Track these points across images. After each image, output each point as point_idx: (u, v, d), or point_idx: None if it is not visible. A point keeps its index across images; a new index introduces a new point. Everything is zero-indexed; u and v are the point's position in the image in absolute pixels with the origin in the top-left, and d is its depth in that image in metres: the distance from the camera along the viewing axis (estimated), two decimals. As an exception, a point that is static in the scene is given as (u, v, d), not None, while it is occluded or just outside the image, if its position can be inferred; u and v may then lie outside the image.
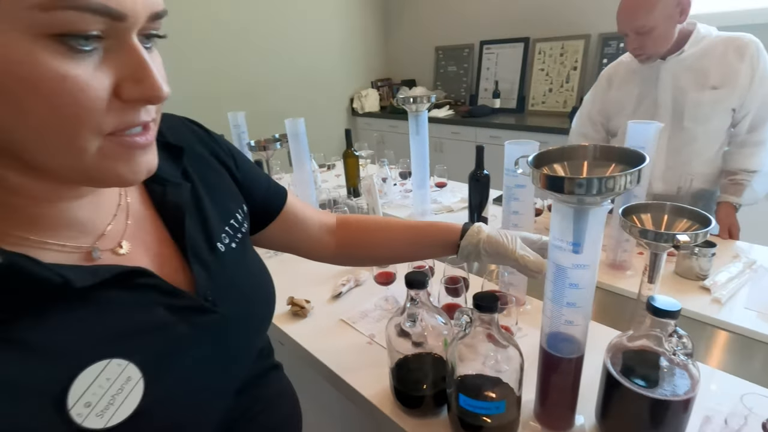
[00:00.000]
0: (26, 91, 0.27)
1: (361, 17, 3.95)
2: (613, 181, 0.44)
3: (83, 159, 0.31)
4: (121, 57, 0.30)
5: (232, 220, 0.51)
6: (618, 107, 1.36)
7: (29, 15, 0.25)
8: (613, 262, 1.04)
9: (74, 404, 0.32)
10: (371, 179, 1.14)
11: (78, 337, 0.33)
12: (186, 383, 0.39)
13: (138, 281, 0.38)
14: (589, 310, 0.55)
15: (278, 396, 0.59)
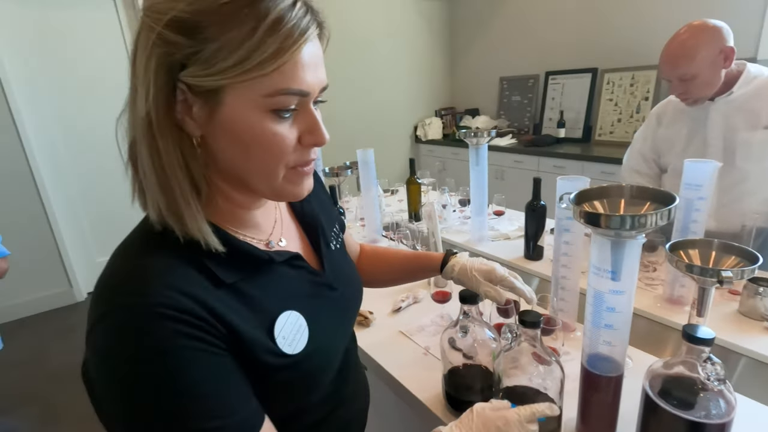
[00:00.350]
0: (254, 142, 0.45)
1: (429, 50, 4.15)
2: (645, 218, 0.52)
3: (275, 182, 0.48)
4: (304, 118, 0.47)
5: (334, 228, 0.71)
6: (668, 145, 1.38)
7: (261, 99, 0.43)
8: (670, 296, 1.05)
9: (277, 336, 0.49)
10: (432, 206, 1.25)
11: (273, 294, 0.51)
12: (325, 332, 0.56)
13: (295, 263, 0.57)
14: (626, 332, 0.60)
15: (360, 374, 0.74)
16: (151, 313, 0.40)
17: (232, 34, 0.40)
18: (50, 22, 2.62)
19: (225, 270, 0.47)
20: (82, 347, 0.43)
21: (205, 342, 0.42)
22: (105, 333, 0.41)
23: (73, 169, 2.87)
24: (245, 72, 0.41)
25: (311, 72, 0.45)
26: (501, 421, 0.52)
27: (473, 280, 0.74)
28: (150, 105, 0.41)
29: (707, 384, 0.56)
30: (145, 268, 0.43)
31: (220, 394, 0.42)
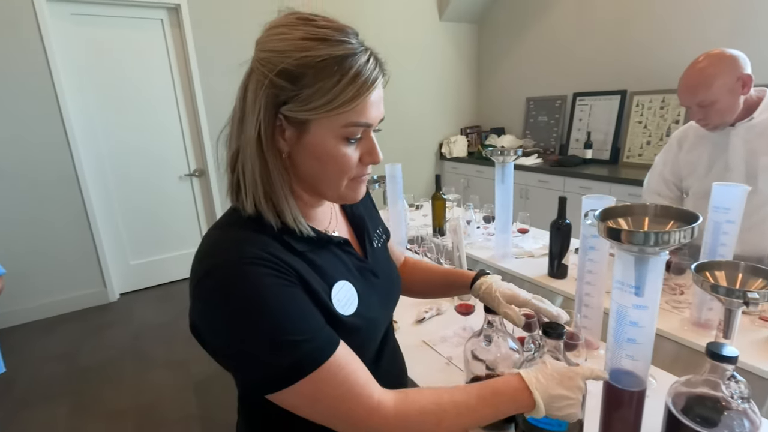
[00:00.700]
0: (329, 160, 0.58)
1: (456, 69, 4.23)
2: (668, 235, 0.54)
3: (340, 190, 0.62)
4: (365, 142, 0.60)
5: (377, 230, 0.81)
6: (689, 169, 1.40)
7: (338, 129, 0.56)
8: (697, 320, 1.04)
9: (334, 299, 0.61)
10: (458, 221, 1.28)
11: (331, 266, 0.63)
12: (372, 307, 0.67)
13: (346, 248, 0.68)
14: (649, 348, 0.62)
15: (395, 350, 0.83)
16: (245, 264, 0.53)
17: (323, 83, 0.53)
18: (102, 40, 2.83)
19: (297, 242, 0.60)
20: (113, 346, 0.50)
21: (286, 280, 0.54)
22: (212, 283, 0.53)
23: (114, 177, 3.04)
24: (330, 110, 0.54)
25: (375, 109, 0.58)
26: (572, 372, 0.61)
27: (496, 301, 0.77)
28: (261, 130, 0.56)
29: (731, 402, 0.57)
30: (238, 237, 0.57)
31: (305, 316, 0.54)
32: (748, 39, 2.48)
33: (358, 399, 0.54)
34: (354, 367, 0.56)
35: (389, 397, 0.56)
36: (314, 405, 0.54)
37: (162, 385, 2.21)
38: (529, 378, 0.60)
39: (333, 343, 0.55)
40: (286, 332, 0.52)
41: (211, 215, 3.41)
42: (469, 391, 0.60)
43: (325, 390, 0.53)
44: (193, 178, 3.31)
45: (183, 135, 3.20)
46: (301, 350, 0.52)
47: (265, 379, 0.52)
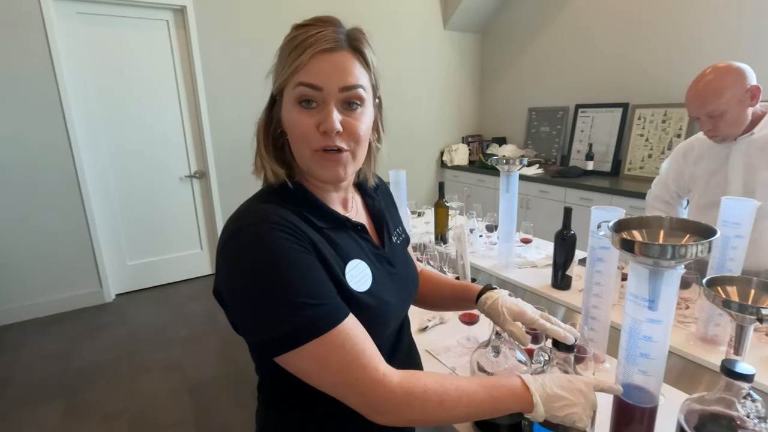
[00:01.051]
0: (290, 127, 0.63)
1: (459, 78, 4.25)
2: (685, 249, 0.53)
3: (306, 162, 0.64)
4: (322, 111, 0.61)
5: (397, 228, 0.83)
6: (692, 182, 1.42)
7: (291, 92, 0.61)
8: (704, 335, 1.02)
9: (347, 274, 0.63)
10: (462, 229, 1.27)
11: (347, 245, 0.66)
12: (386, 290, 0.69)
13: (363, 234, 0.71)
14: (662, 363, 0.61)
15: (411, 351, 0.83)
16: (267, 228, 0.56)
17: (282, 53, 0.62)
18: (107, 40, 2.82)
19: (316, 218, 0.64)
20: (108, 347, 0.49)
21: (304, 247, 0.58)
22: (235, 243, 0.57)
23: (115, 177, 3.02)
24: (283, 75, 0.61)
25: (330, 75, 0.60)
26: (576, 378, 0.61)
27: (501, 317, 0.75)
28: (265, 113, 0.67)
29: (746, 421, 0.56)
30: (265, 206, 0.61)
31: (318, 282, 0.57)
32: (747, 57, 2.49)
33: (365, 369, 0.55)
34: (362, 338, 0.57)
35: (395, 372, 0.58)
36: (322, 371, 0.55)
37: (156, 388, 2.17)
38: (528, 377, 0.61)
39: (343, 311, 0.58)
40: (301, 294, 0.54)
41: (211, 217, 3.39)
42: (472, 379, 0.61)
43: (334, 355, 0.55)
44: (194, 180, 3.29)
45: (185, 136, 3.19)
46: (314, 312, 0.54)
47: (278, 338, 0.54)
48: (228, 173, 3.33)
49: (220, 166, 3.29)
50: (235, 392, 2.12)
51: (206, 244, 3.45)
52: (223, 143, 3.26)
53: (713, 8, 2.61)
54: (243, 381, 2.20)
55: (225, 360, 2.40)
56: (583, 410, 0.59)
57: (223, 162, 3.29)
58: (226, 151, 3.28)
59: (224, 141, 3.26)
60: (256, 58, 3.17)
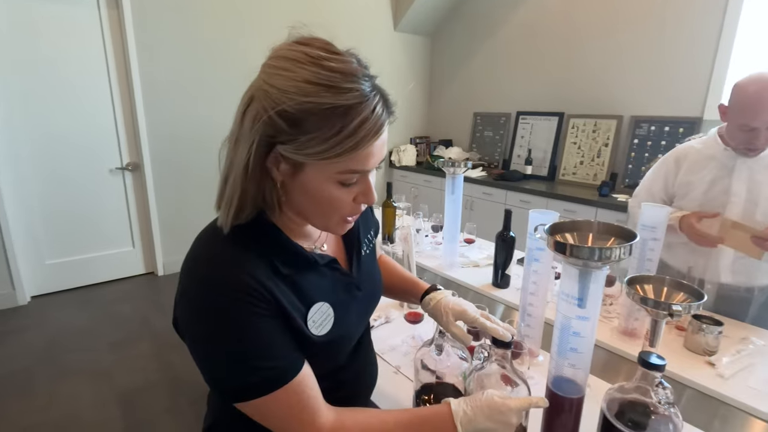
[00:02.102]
0: (322, 200, 0.59)
1: (408, 80, 4.31)
2: (610, 251, 0.58)
3: (328, 225, 0.63)
4: (361, 184, 0.60)
5: (369, 234, 0.81)
6: (686, 190, 1.35)
7: (333, 174, 0.56)
8: (625, 329, 1.12)
9: (309, 320, 0.62)
10: (408, 229, 1.29)
11: (313, 287, 0.64)
12: (348, 322, 0.69)
13: (333, 265, 0.69)
14: (589, 356, 0.65)
15: (370, 350, 0.85)
16: (231, 295, 0.55)
17: (322, 132, 0.52)
18: (24, 15, 2.54)
19: (283, 264, 0.61)
20: (23, 354, 0.45)
21: (263, 309, 0.56)
22: (193, 301, 0.57)
23: (32, 167, 2.72)
24: (326, 158, 0.54)
25: (377, 155, 0.58)
26: (504, 407, 0.61)
27: (444, 318, 0.78)
28: (249, 161, 0.55)
29: (658, 407, 0.62)
30: (226, 254, 0.58)
31: (276, 344, 0.57)
32: (669, 76, 2.77)
33: (301, 423, 0.59)
34: (308, 394, 0.60)
35: (329, 422, 0.61)
36: (261, 418, 0.60)
37: (80, 398, 2.00)
38: (457, 411, 0.62)
39: (295, 369, 0.59)
40: (252, 358, 0.56)
41: (145, 213, 3.17)
42: (400, 420, 0.63)
43: (276, 410, 0.58)
44: (126, 172, 3.06)
45: (116, 125, 2.96)
46: (267, 373, 0.56)
47: (229, 391, 0.57)
48: (164, 166, 3.13)
49: (156, 157, 3.08)
50: (172, 400, 2.00)
51: (139, 241, 3.22)
52: (160, 133, 3.06)
53: (637, 28, 2.86)
54: (181, 387, 2.08)
55: (160, 366, 2.26)
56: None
57: (160, 153, 3.09)
58: (162, 141, 3.08)
59: (161, 131, 3.06)
60: (199, 41, 3.01)
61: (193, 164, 3.20)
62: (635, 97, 2.94)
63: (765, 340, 1.11)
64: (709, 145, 1.31)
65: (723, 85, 2.54)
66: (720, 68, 2.55)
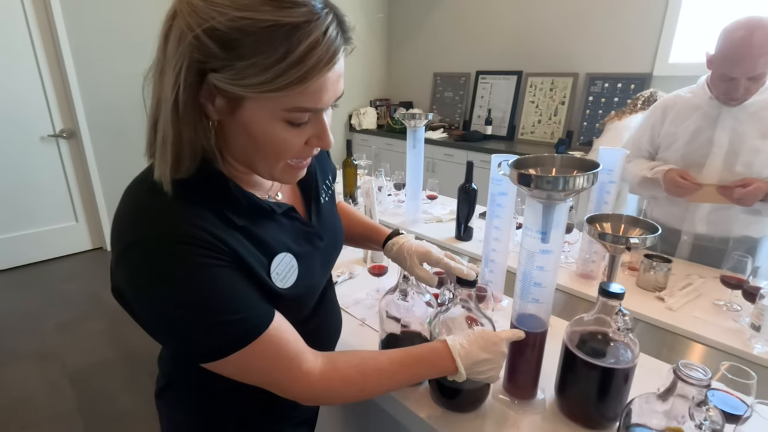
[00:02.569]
0: (265, 142, 0.50)
1: (366, 41, 4.15)
2: (574, 180, 0.56)
3: (273, 171, 0.55)
4: (314, 124, 0.52)
5: (327, 180, 0.74)
6: (670, 140, 1.33)
7: (278, 111, 0.48)
8: (582, 272, 1.16)
9: (272, 272, 0.57)
10: (370, 183, 1.25)
11: (273, 237, 0.58)
12: (312, 274, 0.64)
13: (291, 214, 0.62)
14: (551, 291, 0.66)
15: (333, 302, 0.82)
16: (178, 242, 0.47)
17: (263, 57, 0.43)
18: None
19: (236, 215, 0.54)
20: None
21: (218, 260, 0.49)
22: (141, 255, 0.48)
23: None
24: (269, 91, 0.45)
25: (331, 91, 0.49)
26: (497, 338, 0.63)
27: (408, 261, 0.76)
28: (178, 94, 0.45)
29: (617, 334, 0.63)
30: (171, 208, 0.49)
31: (238, 297, 0.51)
32: (619, 33, 2.81)
33: (287, 372, 0.55)
34: (286, 339, 0.55)
35: (317, 366, 0.58)
36: (244, 375, 0.55)
37: (27, 380, 1.88)
38: (455, 345, 0.62)
39: (267, 318, 0.54)
40: (218, 313, 0.49)
41: (86, 184, 2.94)
42: (394, 358, 0.62)
43: (256, 363, 0.53)
44: (61, 140, 2.80)
45: (44, 88, 2.67)
46: (234, 328, 0.50)
47: (194, 353, 0.51)
48: (104, 131, 2.88)
49: (93, 123, 2.83)
50: (130, 376, 1.92)
51: (83, 215, 3.00)
52: (96, 97, 2.80)
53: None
54: (139, 361, 2.00)
55: (115, 342, 2.16)
56: (499, 370, 0.64)
57: (97, 118, 2.84)
58: (99, 105, 2.82)
59: (97, 94, 2.80)
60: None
61: (137, 128, 2.96)
62: (590, 55, 2.97)
63: (707, 275, 1.18)
64: (697, 94, 1.29)
65: (671, 41, 2.61)
66: (669, 25, 2.60)
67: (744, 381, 0.61)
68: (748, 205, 1.17)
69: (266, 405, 0.66)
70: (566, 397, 0.69)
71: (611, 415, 0.66)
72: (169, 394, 0.69)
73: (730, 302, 1.03)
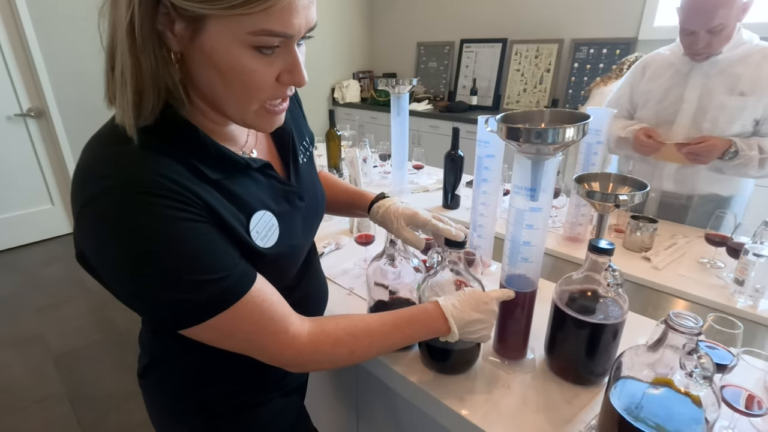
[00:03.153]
0: (232, 73, 0.45)
1: (346, 10, 4.00)
2: (564, 131, 0.54)
3: (246, 114, 0.50)
4: (285, 56, 0.47)
5: (303, 141, 0.70)
6: (645, 98, 1.34)
7: (243, 35, 0.43)
8: (569, 235, 1.16)
9: (252, 230, 0.53)
10: (354, 152, 1.22)
11: (250, 194, 0.54)
12: (294, 235, 0.61)
13: (267, 171, 0.58)
14: (541, 249, 0.64)
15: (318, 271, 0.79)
16: (145, 194, 0.43)
17: None
18: None
19: (209, 168, 0.49)
20: None
21: (193, 214, 0.46)
22: (104, 212, 0.43)
23: None
24: (231, 8, 0.40)
25: (301, 15, 0.44)
26: (487, 297, 0.62)
27: (395, 224, 0.74)
28: (133, 14, 0.41)
29: (606, 291, 0.63)
30: (136, 158, 0.45)
31: (216, 254, 0.47)
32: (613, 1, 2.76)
33: (273, 335, 0.53)
34: (270, 301, 0.52)
35: (305, 329, 0.55)
36: (227, 340, 0.52)
37: (10, 365, 1.84)
38: (446, 305, 0.61)
39: (248, 279, 0.51)
40: (195, 271, 0.46)
41: (60, 165, 2.83)
42: (385, 320, 0.60)
43: (239, 326, 0.50)
44: (29, 120, 2.67)
45: (6, 64, 2.52)
46: (212, 289, 0.47)
47: (172, 318, 0.48)
48: (76, 109, 2.75)
49: (63, 100, 2.70)
50: (117, 356, 1.90)
51: (59, 198, 2.90)
52: (64, 73, 2.66)
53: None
54: (127, 343, 1.97)
55: (99, 324, 2.12)
56: (491, 329, 0.64)
57: (68, 96, 2.70)
58: (68, 82, 2.68)
59: (65, 70, 2.66)
60: None
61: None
62: (575, 20, 2.92)
63: (690, 235, 1.19)
64: (674, 51, 1.29)
65: (656, 3, 2.57)
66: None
67: (730, 331, 0.61)
68: (704, 162, 1.19)
69: (254, 377, 0.65)
70: (556, 355, 0.70)
71: (600, 370, 0.66)
72: (152, 372, 0.67)
73: (713, 260, 1.04)
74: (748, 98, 1.16)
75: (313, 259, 0.75)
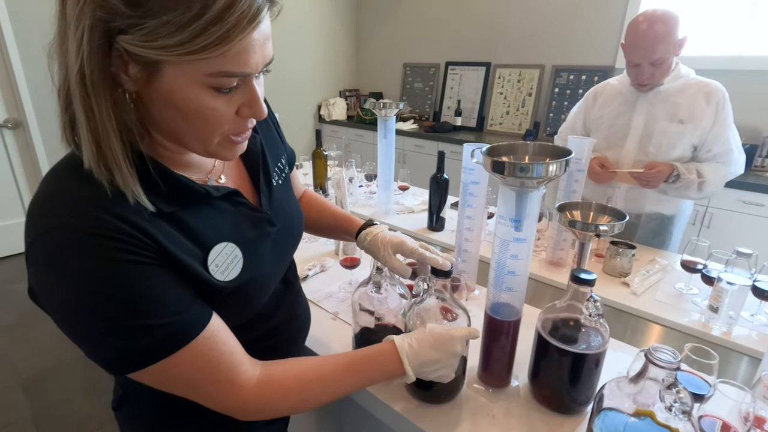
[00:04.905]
0: (191, 113, 0.45)
1: (334, 30, 4.06)
2: (547, 167, 0.56)
3: (208, 147, 0.50)
4: (244, 92, 0.47)
5: (279, 163, 0.69)
6: (597, 124, 1.46)
7: (201, 77, 0.43)
8: (551, 259, 1.18)
9: (210, 264, 0.52)
10: (341, 173, 1.22)
11: (209, 226, 0.53)
12: (261, 263, 0.59)
13: (235, 198, 0.57)
14: (525, 279, 0.65)
15: (299, 294, 0.77)
16: (89, 234, 0.42)
17: (176, 14, 0.38)
18: None
19: (163, 200, 0.48)
20: None
21: (139, 255, 0.44)
22: (48, 250, 0.43)
23: None
24: (187, 53, 0.40)
25: (257, 53, 0.44)
26: (448, 336, 0.61)
27: (382, 252, 0.74)
28: (83, 61, 0.40)
29: (588, 320, 0.64)
30: (83, 194, 0.44)
31: (162, 299, 0.46)
32: (583, 28, 2.87)
33: (217, 384, 0.51)
34: (219, 351, 0.51)
35: (254, 378, 0.54)
36: (169, 385, 0.50)
37: (-27, 389, 1.75)
38: (402, 345, 0.60)
39: (197, 325, 0.49)
40: (134, 317, 0.44)
41: (35, 178, 2.75)
42: (339, 363, 0.59)
43: (182, 373, 0.49)
44: (5, 131, 2.60)
45: (-16, 73, 2.47)
46: (159, 333, 0.45)
47: (114, 362, 0.47)
48: (54, 120, 2.64)
49: (42, 112, 2.64)
50: (88, 378, 1.83)
51: (33, 211, 2.81)
52: (44, 83, 2.60)
53: (558, -22, 2.91)
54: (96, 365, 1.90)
55: (69, 345, 2.00)
56: (452, 369, 0.62)
57: (47, 107, 2.64)
58: (48, 93, 2.61)
59: (45, 80, 2.60)
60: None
61: (91, 120, 2.80)
62: (556, 46, 3.03)
63: (668, 260, 1.23)
64: (622, 81, 1.41)
65: (632, 34, 2.69)
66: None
67: (706, 361, 0.63)
68: (654, 186, 1.31)
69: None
70: (540, 384, 0.70)
71: (582, 399, 0.67)
72: (126, 405, 0.64)
73: (688, 286, 1.07)
74: (686, 125, 1.29)
75: (293, 284, 0.74)
